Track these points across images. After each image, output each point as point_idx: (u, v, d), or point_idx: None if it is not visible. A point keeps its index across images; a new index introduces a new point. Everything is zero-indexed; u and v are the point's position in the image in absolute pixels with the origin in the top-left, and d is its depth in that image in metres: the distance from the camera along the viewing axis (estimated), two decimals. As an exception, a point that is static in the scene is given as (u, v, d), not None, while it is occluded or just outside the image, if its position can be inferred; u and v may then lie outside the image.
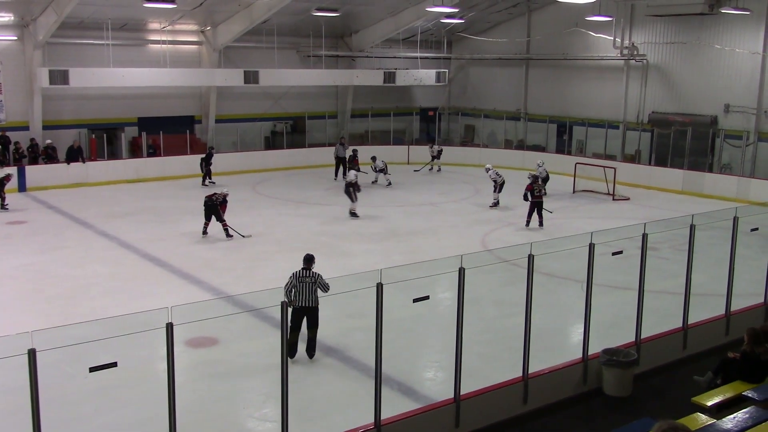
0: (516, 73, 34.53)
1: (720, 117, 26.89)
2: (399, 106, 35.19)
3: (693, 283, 11.07)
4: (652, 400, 9.78)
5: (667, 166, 26.92)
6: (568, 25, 30.69)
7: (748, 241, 12.31)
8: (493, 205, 22.40)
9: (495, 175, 22.44)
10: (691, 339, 11.18)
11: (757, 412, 7.26)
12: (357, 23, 32.07)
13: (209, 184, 25.00)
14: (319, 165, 29.92)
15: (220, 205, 18.26)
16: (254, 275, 15.28)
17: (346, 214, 20.96)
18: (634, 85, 29.68)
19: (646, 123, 29.19)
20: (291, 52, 31.78)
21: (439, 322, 12.16)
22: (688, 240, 10.80)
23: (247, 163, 28.74)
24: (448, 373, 9.10)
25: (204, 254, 17.00)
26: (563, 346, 11.49)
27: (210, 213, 18.22)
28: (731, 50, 26.26)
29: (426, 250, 17.29)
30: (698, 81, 27.58)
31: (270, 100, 31.83)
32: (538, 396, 9.42)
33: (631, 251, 10.55)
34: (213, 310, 11.68)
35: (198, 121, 30.49)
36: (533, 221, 19.69)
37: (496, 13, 32.79)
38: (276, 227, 19.58)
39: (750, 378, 8.65)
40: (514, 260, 10.80)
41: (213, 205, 18.19)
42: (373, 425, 8.00)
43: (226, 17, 28.09)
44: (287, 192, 24.99)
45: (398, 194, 24.84)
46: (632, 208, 22.86)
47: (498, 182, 22.39)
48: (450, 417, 8.65)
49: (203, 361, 11.10)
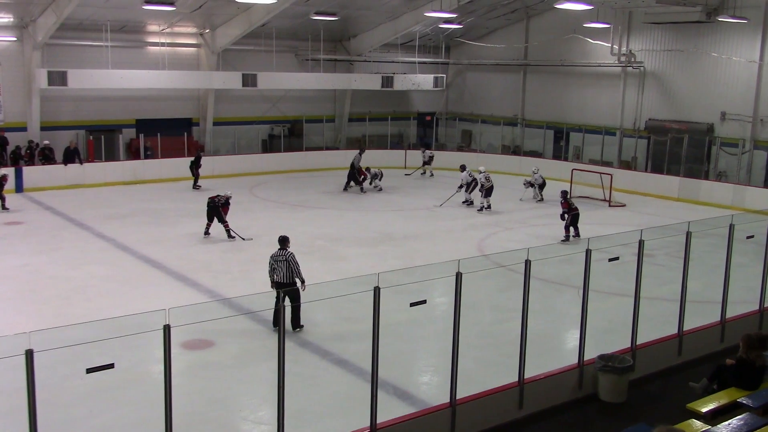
0: (513, 78, 34.61)
1: (716, 125, 26.99)
2: (396, 111, 35.24)
3: (688, 290, 11.11)
4: (647, 406, 9.81)
5: (664, 173, 27.04)
6: (566, 32, 30.79)
7: (744, 248, 12.34)
8: (479, 208, 22.54)
9: (485, 180, 22.51)
10: (687, 345, 11.21)
11: (751, 419, 7.30)
12: (355, 27, 32.13)
13: (198, 188, 25.08)
14: (316, 169, 29.97)
15: (222, 207, 18.31)
16: (251, 278, 15.27)
17: (343, 217, 20.99)
18: (631, 92, 29.77)
19: (642, 130, 29.28)
20: (289, 55, 31.83)
21: (435, 327, 12.17)
22: (683, 247, 10.84)
23: (244, 166, 28.75)
24: (443, 377, 9.11)
25: (200, 256, 17.00)
26: (559, 352, 11.51)
27: (213, 214, 18.32)
28: (728, 58, 26.36)
29: (422, 254, 17.31)
30: (695, 89, 27.68)
31: (268, 104, 31.86)
32: (533, 401, 9.44)
33: (627, 257, 10.60)
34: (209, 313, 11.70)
35: (196, 124, 30.50)
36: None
37: (494, 18, 32.88)
38: (272, 230, 19.51)
39: (745, 385, 8.67)
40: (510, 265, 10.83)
41: (215, 207, 18.27)
42: (368, 429, 8.01)
43: (225, 20, 28.13)
44: (284, 195, 25.00)
45: (394, 199, 24.87)
46: (628, 215, 22.92)
47: (486, 186, 22.45)
48: (446, 421, 8.66)
49: (199, 364, 11.09)
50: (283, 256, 11.90)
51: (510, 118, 34.25)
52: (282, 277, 11.80)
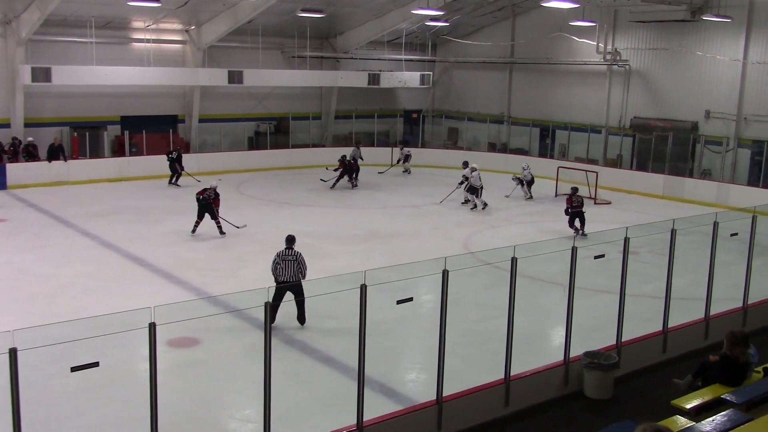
0: (500, 76, 34.68)
1: (701, 123, 27.16)
2: (383, 108, 35.21)
3: (673, 287, 11.18)
4: (632, 403, 9.87)
5: (649, 171, 27.21)
6: (552, 30, 30.87)
7: (728, 246, 12.45)
8: (473, 207, 22.49)
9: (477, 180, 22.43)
10: (671, 342, 11.30)
11: (735, 415, 7.35)
12: (342, 25, 32.08)
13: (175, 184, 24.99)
14: (302, 166, 29.89)
15: (213, 200, 18.15)
16: (237, 275, 15.24)
17: (329, 215, 20.98)
18: (616, 90, 29.90)
19: (628, 128, 29.43)
20: (275, 52, 31.73)
21: (422, 324, 12.19)
22: (668, 244, 10.90)
23: (231, 164, 28.64)
24: (430, 374, 9.13)
25: (186, 254, 16.93)
26: (545, 349, 11.56)
27: (204, 211, 18.14)
28: (712, 57, 26.54)
29: (408, 251, 17.32)
30: (680, 87, 27.85)
31: (254, 101, 31.76)
32: (519, 398, 9.48)
33: (612, 255, 10.64)
34: (195, 311, 11.66)
35: (181, 121, 30.35)
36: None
37: (480, 16, 32.92)
38: (259, 227, 19.53)
39: (729, 381, 8.75)
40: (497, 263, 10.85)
41: (207, 204, 18.09)
42: (355, 426, 8.01)
43: (211, 17, 28.01)
44: (270, 193, 24.95)
45: (380, 196, 24.87)
46: (614, 212, 23.04)
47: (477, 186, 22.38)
48: (432, 419, 8.68)
49: (185, 362, 11.06)
50: (292, 256, 11.92)
51: (496, 116, 34.32)
52: (288, 276, 11.79)
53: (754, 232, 12.33)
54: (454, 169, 29.11)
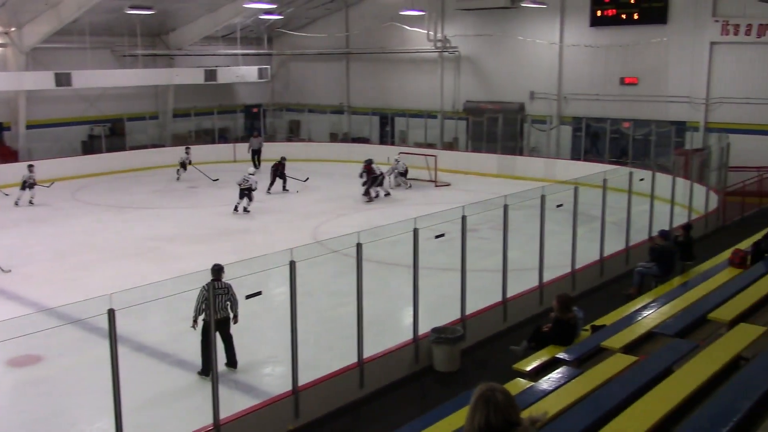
0: (337, 67, 35.05)
1: (527, 103, 28.81)
2: (222, 104, 34.66)
3: (510, 259, 11.91)
4: (478, 372, 10.45)
5: (483, 152, 28.54)
6: (385, 20, 31.56)
7: (555, 216, 13.35)
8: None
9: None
10: (511, 311, 12.05)
11: (568, 371, 7.98)
12: (174, 21, 31.20)
13: None
14: (142, 168, 28.86)
15: None
16: (75, 287, 14.54)
17: (173, 217, 20.49)
18: (448, 76, 31.03)
19: (461, 111, 30.68)
20: (105, 51, 30.35)
21: (274, 317, 12.23)
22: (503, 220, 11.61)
23: (64, 170, 27.08)
24: (286, 366, 9.24)
25: (20, 269, 15.99)
26: (396, 329, 11.93)
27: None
28: (533, 41, 28.18)
29: (258, 246, 17.24)
30: (506, 71, 29.36)
31: (85, 103, 30.27)
32: (373, 379, 9.80)
33: (453, 234, 11.17)
34: (35, 326, 11.09)
35: (7, 128, 28.43)
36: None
37: (313, 8, 33.10)
38: (96, 235, 18.75)
39: (561, 341, 9.45)
40: (343, 250, 11.10)
41: None
42: (212, 426, 8.00)
43: (33, 17, 26.33)
44: (110, 197, 23.97)
45: (226, 194, 24.50)
46: (453, 193, 24.01)
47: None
48: (289, 409, 8.82)
49: (28, 381, 10.54)
50: (224, 289, 10.16)
51: (336, 107, 34.70)
52: (220, 312, 10.13)
53: (577, 202, 13.35)
54: (298, 162, 29.18)
